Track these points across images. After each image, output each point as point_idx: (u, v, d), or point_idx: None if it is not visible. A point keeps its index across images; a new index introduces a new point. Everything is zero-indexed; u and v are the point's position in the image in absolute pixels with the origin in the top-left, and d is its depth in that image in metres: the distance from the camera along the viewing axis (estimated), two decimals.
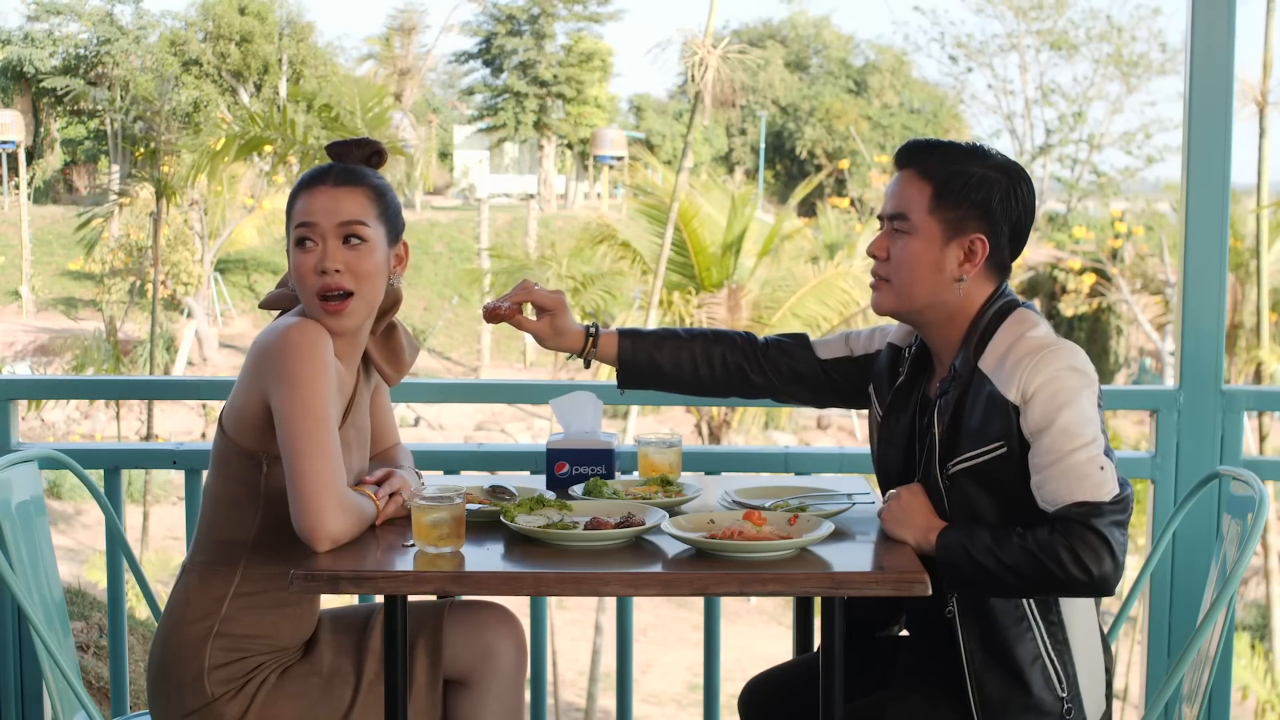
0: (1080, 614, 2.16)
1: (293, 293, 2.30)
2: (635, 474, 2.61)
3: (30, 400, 15.00)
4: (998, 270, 2.20)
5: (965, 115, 36.67)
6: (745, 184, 20.76)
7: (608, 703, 12.02)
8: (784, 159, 37.62)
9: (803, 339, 2.48)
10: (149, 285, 17.65)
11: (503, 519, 2.14)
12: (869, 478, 2.81)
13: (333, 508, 2.05)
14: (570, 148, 36.85)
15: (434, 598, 2.30)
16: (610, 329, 2.46)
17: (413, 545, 2.06)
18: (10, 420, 3.11)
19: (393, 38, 35.62)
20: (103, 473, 3.04)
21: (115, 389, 5.99)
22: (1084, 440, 2.04)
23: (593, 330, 2.44)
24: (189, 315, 23.73)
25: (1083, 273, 23.45)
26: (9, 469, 2.45)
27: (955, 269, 2.17)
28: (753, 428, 18.28)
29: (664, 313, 13.67)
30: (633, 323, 14.06)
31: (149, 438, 16.23)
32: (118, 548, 2.94)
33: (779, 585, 1.95)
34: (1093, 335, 24.23)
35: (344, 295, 2.18)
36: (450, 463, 3.09)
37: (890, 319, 2.31)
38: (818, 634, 2.21)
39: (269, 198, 22.04)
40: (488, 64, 37.56)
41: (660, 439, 2.54)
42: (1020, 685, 2.12)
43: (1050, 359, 2.08)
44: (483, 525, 2.20)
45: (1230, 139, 3.01)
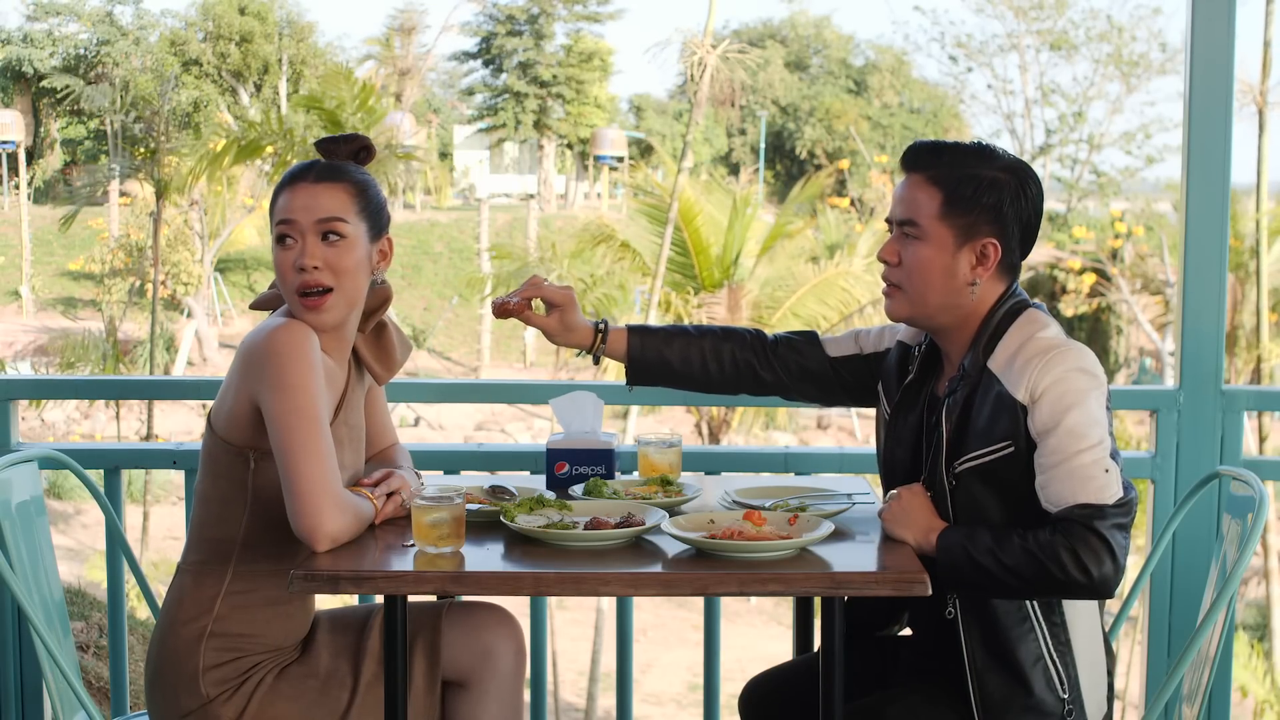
0: (1083, 615, 2.16)
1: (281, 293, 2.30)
2: (635, 474, 2.61)
3: (30, 400, 15.00)
4: (1008, 271, 2.20)
5: (965, 115, 36.67)
6: (748, 184, 20.73)
7: (608, 703, 12.03)
8: (784, 159, 37.62)
9: (812, 336, 2.48)
10: (149, 285, 17.63)
11: (503, 519, 2.14)
12: (869, 477, 2.81)
13: (330, 507, 2.05)
14: (570, 148, 36.85)
15: (434, 598, 2.29)
16: (619, 325, 2.46)
17: (413, 545, 2.06)
18: (10, 420, 3.11)
19: (393, 38, 35.63)
20: (103, 473, 3.04)
21: (115, 389, 5.99)
22: (1090, 442, 2.04)
23: (602, 326, 2.43)
24: (189, 315, 23.74)
25: (1083, 273, 23.44)
26: (9, 469, 2.45)
27: (968, 273, 2.16)
28: (753, 427, 18.28)
29: (664, 313, 13.66)
30: (632, 322, 14.05)
31: (149, 438, 16.24)
32: (118, 548, 2.94)
33: (779, 585, 1.94)
34: (1093, 335, 24.22)
35: (323, 291, 2.19)
36: (450, 463, 3.09)
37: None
38: (818, 634, 2.21)
39: (268, 198, 22.03)
40: (488, 64, 37.58)
41: (660, 439, 2.54)
42: (1022, 686, 2.12)
43: (1059, 360, 2.08)
44: (483, 525, 2.20)
45: (1230, 139, 3.01)
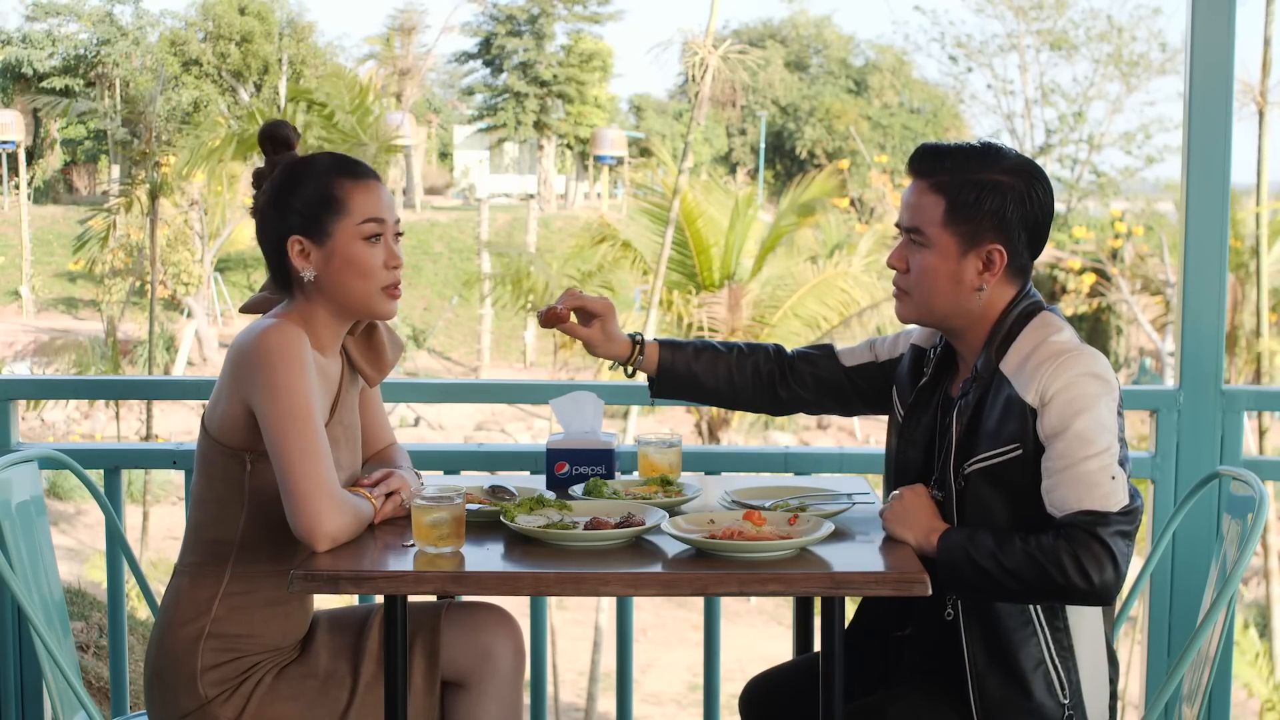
0: (1087, 622, 2.15)
1: (273, 296, 2.30)
2: (635, 474, 2.61)
3: (30, 400, 15.01)
4: (1019, 274, 2.19)
5: (965, 115, 36.64)
6: (748, 184, 20.75)
7: (608, 703, 12.02)
8: (784, 159, 37.61)
9: (829, 349, 2.51)
10: (149, 285, 17.62)
11: (503, 519, 2.14)
12: (869, 477, 2.81)
13: (328, 507, 2.05)
14: (570, 148, 36.85)
15: (433, 598, 2.29)
16: (650, 339, 2.51)
17: (413, 545, 2.06)
18: (10, 420, 3.11)
19: (393, 38, 35.63)
20: (103, 473, 3.04)
21: (115, 389, 6.00)
22: (1097, 448, 2.03)
23: (638, 339, 2.48)
24: (189, 315, 23.73)
25: (1083, 273, 23.42)
26: (9, 469, 2.45)
27: (974, 279, 2.16)
28: (753, 427, 18.29)
29: (664, 312, 13.65)
30: (634, 322, 14.05)
31: (149, 438, 16.24)
32: (118, 548, 2.94)
33: (779, 585, 1.95)
34: (1093, 335, 24.22)
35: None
36: (450, 463, 3.09)
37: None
38: (818, 634, 2.21)
39: None
40: (488, 64, 37.57)
41: (660, 439, 2.54)
42: (1021, 689, 2.12)
43: (1071, 364, 2.08)
44: (483, 525, 2.20)
45: (1230, 139, 3.01)
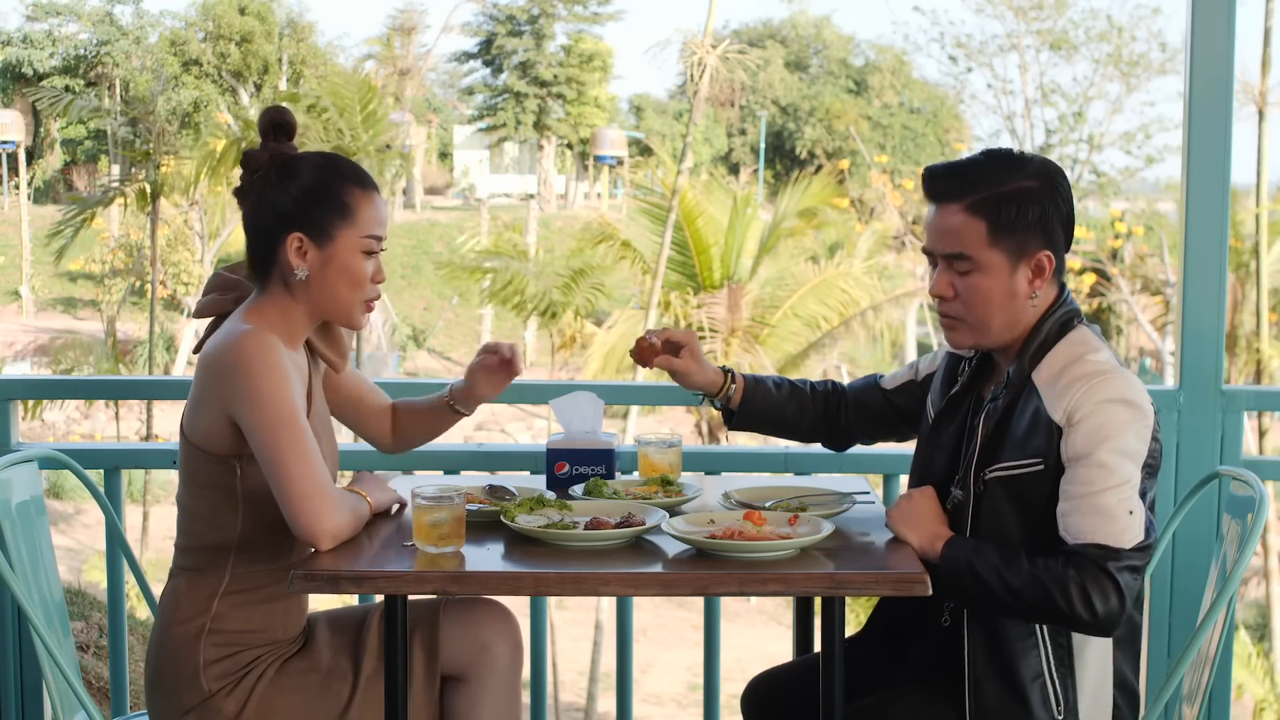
0: (1093, 644, 2.12)
1: (226, 298, 2.30)
2: (635, 474, 2.61)
3: (30, 400, 15.00)
4: (1059, 274, 2.18)
5: (965, 115, 36.67)
6: (748, 184, 20.72)
7: (608, 703, 12.02)
8: (784, 159, 37.62)
9: (872, 378, 2.53)
10: (148, 285, 17.61)
11: (503, 519, 2.14)
12: (869, 478, 2.81)
13: (327, 504, 2.05)
14: (570, 148, 36.87)
15: (433, 597, 2.30)
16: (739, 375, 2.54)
17: (413, 545, 2.06)
18: (10, 420, 3.10)
19: (393, 38, 35.64)
20: (103, 473, 3.04)
21: (115, 389, 5.99)
22: (1118, 480, 2.00)
23: (728, 370, 2.49)
24: (189, 315, 23.74)
25: (1083, 273, 23.41)
26: (9, 469, 2.45)
27: (1027, 289, 2.14)
28: None
29: (663, 312, 13.66)
30: (634, 321, 14.06)
31: (149, 438, 16.26)
32: (118, 548, 2.94)
33: (779, 585, 1.94)
34: None
35: None
36: (450, 463, 3.09)
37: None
38: (818, 634, 2.21)
39: None
40: (488, 64, 37.59)
41: (660, 439, 2.54)
42: (1018, 699, 2.10)
43: (1103, 387, 2.04)
44: (483, 525, 2.20)
45: (1230, 139, 3.00)
